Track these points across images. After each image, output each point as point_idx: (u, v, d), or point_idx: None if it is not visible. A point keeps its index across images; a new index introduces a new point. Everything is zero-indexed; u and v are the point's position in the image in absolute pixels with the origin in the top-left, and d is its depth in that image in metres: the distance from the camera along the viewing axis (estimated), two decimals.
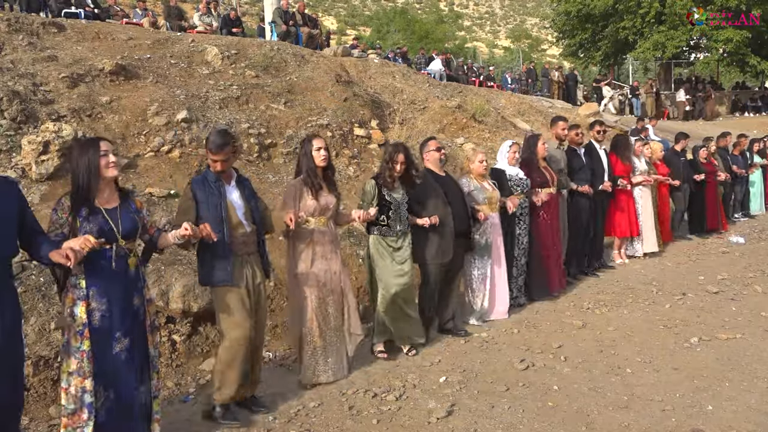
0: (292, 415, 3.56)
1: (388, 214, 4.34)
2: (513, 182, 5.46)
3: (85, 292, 2.82)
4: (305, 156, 3.96)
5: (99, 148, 2.89)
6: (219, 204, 3.42)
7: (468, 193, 5.04)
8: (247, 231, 3.52)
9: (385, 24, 44.80)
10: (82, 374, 2.77)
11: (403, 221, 4.42)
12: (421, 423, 3.43)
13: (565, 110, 16.20)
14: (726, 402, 3.59)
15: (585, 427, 3.35)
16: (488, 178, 5.27)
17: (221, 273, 3.40)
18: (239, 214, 3.50)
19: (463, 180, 5.18)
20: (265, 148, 7.22)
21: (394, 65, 12.98)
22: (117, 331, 2.87)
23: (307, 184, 3.92)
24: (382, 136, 8.70)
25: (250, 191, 3.68)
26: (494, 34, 59.83)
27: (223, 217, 3.41)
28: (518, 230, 5.50)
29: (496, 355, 4.44)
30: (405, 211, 4.44)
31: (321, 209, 3.93)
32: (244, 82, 8.34)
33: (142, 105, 6.74)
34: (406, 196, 4.45)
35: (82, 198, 2.84)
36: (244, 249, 3.51)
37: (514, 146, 5.57)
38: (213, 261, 3.41)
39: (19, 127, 5.64)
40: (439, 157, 4.88)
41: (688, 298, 5.71)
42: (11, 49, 7.20)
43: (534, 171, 5.67)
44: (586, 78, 27.79)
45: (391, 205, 4.35)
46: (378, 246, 4.39)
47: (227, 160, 3.47)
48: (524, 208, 5.53)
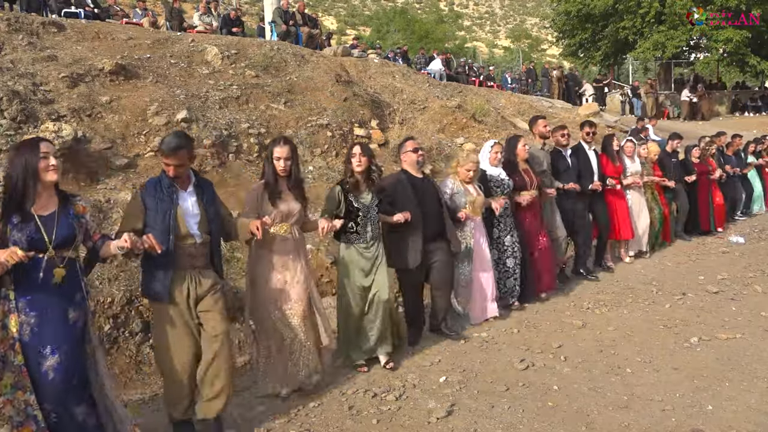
0: (291, 415, 3.56)
1: (356, 220, 4.14)
2: (494, 183, 5.32)
3: (14, 304, 2.63)
4: (267, 161, 3.77)
5: (38, 150, 2.66)
6: (168, 212, 3.15)
7: (450, 196, 4.91)
8: (197, 242, 3.23)
9: (384, 24, 44.78)
10: (21, 388, 2.62)
11: (374, 226, 4.21)
12: (421, 423, 3.43)
13: (565, 110, 16.23)
14: (726, 402, 3.59)
15: (585, 426, 3.35)
16: (475, 182, 5.10)
17: (158, 286, 3.14)
18: (191, 224, 3.22)
19: (446, 181, 5.04)
20: (265, 148, 7.18)
21: (393, 65, 12.99)
22: (45, 348, 2.63)
23: (267, 189, 3.72)
24: (382, 136, 8.71)
25: (211, 197, 3.38)
26: (494, 34, 59.81)
27: (170, 226, 3.13)
28: (498, 232, 5.37)
29: (495, 354, 4.43)
30: (376, 216, 4.22)
31: (282, 216, 3.71)
32: (244, 81, 8.34)
33: (141, 105, 6.75)
34: (376, 199, 4.22)
35: (15, 204, 2.63)
36: (190, 262, 3.22)
37: (496, 146, 5.44)
38: (154, 271, 3.16)
39: (19, 127, 5.64)
40: (416, 159, 4.69)
41: (688, 298, 5.70)
42: (11, 49, 7.20)
43: (514, 173, 5.51)
44: (587, 77, 27.75)
45: (360, 211, 4.14)
46: (347, 254, 4.19)
47: (181, 165, 3.18)
48: (505, 209, 5.37)
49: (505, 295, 5.43)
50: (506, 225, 5.41)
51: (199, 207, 3.28)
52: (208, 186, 3.43)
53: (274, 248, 3.73)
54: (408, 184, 4.57)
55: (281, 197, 3.74)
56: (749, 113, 22.57)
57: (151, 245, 2.93)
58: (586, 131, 6.69)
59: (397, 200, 4.41)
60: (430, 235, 4.56)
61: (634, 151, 7.20)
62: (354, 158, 4.14)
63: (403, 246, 4.46)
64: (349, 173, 4.18)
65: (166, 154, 3.15)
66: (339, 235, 4.20)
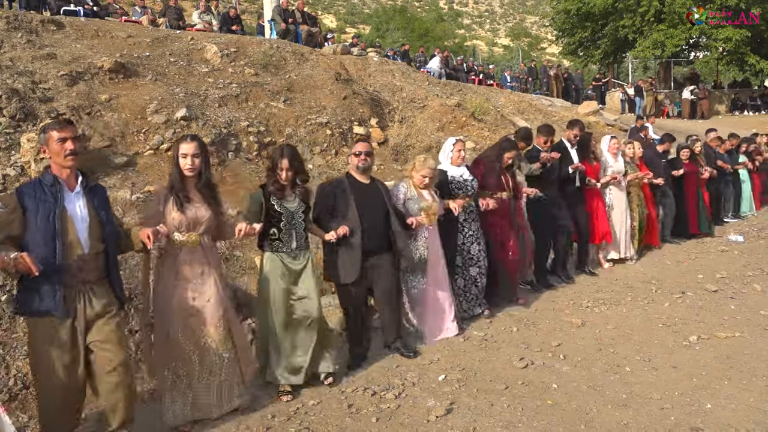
0: (291, 413, 3.55)
1: (279, 226, 3.79)
2: (455, 185, 4.91)
3: None
4: (173, 160, 3.39)
5: None
6: (52, 213, 2.72)
7: (403, 201, 4.52)
8: (85, 253, 2.81)
9: (384, 22, 44.80)
10: None
11: (300, 235, 3.86)
12: (421, 421, 3.43)
13: (564, 108, 16.24)
14: (725, 400, 3.59)
15: (584, 425, 3.35)
16: (431, 188, 4.67)
17: (47, 302, 2.71)
18: (79, 230, 2.80)
19: (399, 186, 4.63)
20: (265, 147, 7.22)
21: (393, 63, 12.99)
22: None
23: (173, 193, 3.29)
24: (382, 134, 8.71)
25: (102, 201, 2.98)
26: (494, 32, 59.81)
27: (56, 231, 2.71)
28: (462, 238, 4.95)
29: (495, 353, 4.44)
30: (302, 223, 3.87)
31: (189, 224, 3.29)
32: (243, 80, 8.34)
33: (141, 103, 6.74)
34: (302, 205, 3.88)
35: None
36: (79, 276, 2.80)
37: (459, 144, 5.00)
38: (36, 285, 2.70)
39: (18, 125, 5.63)
40: (357, 163, 4.21)
41: (687, 297, 5.71)
42: (10, 47, 7.19)
43: (492, 175, 5.16)
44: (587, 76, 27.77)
45: (282, 216, 3.79)
46: (271, 263, 3.79)
47: None
48: (470, 213, 4.98)
49: (471, 305, 5.08)
50: (472, 231, 5.01)
51: (88, 210, 2.87)
52: (100, 190, 3.04)
53: (181, 260, 3.30)
54: (350, 190, 4.15)
55: (189, 202, 3.31)
56: (749, 112, 22.59)
57: (26, 267, 2.51)
58: (573, 133, 6.32)
59: (337, 208, 4.09)
60: (374, 247, 4.13)
61: (618, 150, 6.88)
62: (282, 172, 3.80)
63: (338, 258, 4.09)
64: (272, 179, 3.84)
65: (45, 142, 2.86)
66: (262, 242, 3.86)
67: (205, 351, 3.33)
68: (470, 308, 5.09)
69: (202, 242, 3.36)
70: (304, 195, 3.92)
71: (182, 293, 3.29)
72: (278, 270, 3.77)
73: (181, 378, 3.33)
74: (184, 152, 3.32)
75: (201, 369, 3.33)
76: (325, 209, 4.10)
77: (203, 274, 3.35)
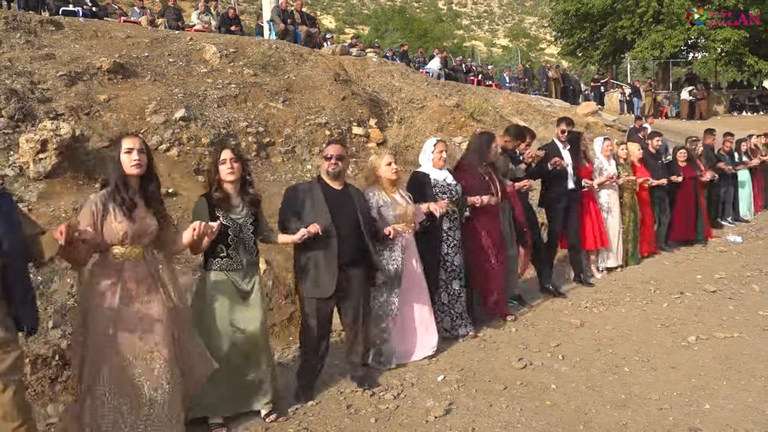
0: (289, 413, 3.55)
1: (226, 241, 3.33)
2: (439, 188, 4.51)
3: None
4: (113, 161, 2.88)
5: None
6: None
7: (377, 209, 4.07)
8: None
9: (383, 23, 44.79)
10: None
11: (251, 249, 3.45)
12: (419, 422, 3.43)
13: (563, 109, 16.24)
14: (723, 400, 3.60)
15: (583, 425, 3.36)
16: (401, 189, 4.30)
17: None
18: None
19: (369, 194, 4.12)
20: (263, 147, 7.22)
21: (392, 64, 12.99)
22: None
23: (115, 199, 2.81)
24: (381, 135, 8.71)
25: (9, 208, 2.48)
26: (492, 33, 59.81)
27: None
28: (446, 248, 4.55)
29: (494, 353, 4.44)
30: (251, 236, 3.45)
31: (134, 235, 2.83)
32: (242, 80, 8.34)
33: (140, 103, 6.74)
34: (251, 217, 3.45)
35: None
36: None
37: (440, 144, 4.58)
38: None
39: (17, 126, 5.63)
40: (327, 168, 3.78)
41: (686, 297, 5.71)
42: (9, 47, 7.18)
43: (475, 177, 4.75)
44: (585, 76, 27.81)
45: (229, 230, 3.34)
46: (215, 283, 3.35)
47: None
48: (454, 221, 4.58)
49: (455, 324, 4.65)
50: (456, 240, 4.61)
51: None
52: (6, 198, 2.53)
53: (123, 276, 2.84)
54: (320, 195, 3.72)
55: (135, 208, 2.85)
56: (747, 113, 22.61)
57: None
58: (561, 129, 5.97)
59: (305, 215, 3.65)
60: (346, 261, 3.70)
61: (611, 153, 6.59)
62: (224, 165, 3.35)
63: (312, 269, 3.66)
64: (215, 185, 3.39)
65: None
66: (208, 261, 3.39)
67: (155, 380, 2.84)
68: (454, 328, 4.65)
69: (145, 255, 2.92)
70: (253, 202, 3.48)
71: (125, 313, 2.82)
72: (226, 291, 3.35)
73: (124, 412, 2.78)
74: (129, 146, 2.84)
75: (145, 402, 2.82)
76: (294, 214, 3.68)
77: (150, 292, 2.90)
